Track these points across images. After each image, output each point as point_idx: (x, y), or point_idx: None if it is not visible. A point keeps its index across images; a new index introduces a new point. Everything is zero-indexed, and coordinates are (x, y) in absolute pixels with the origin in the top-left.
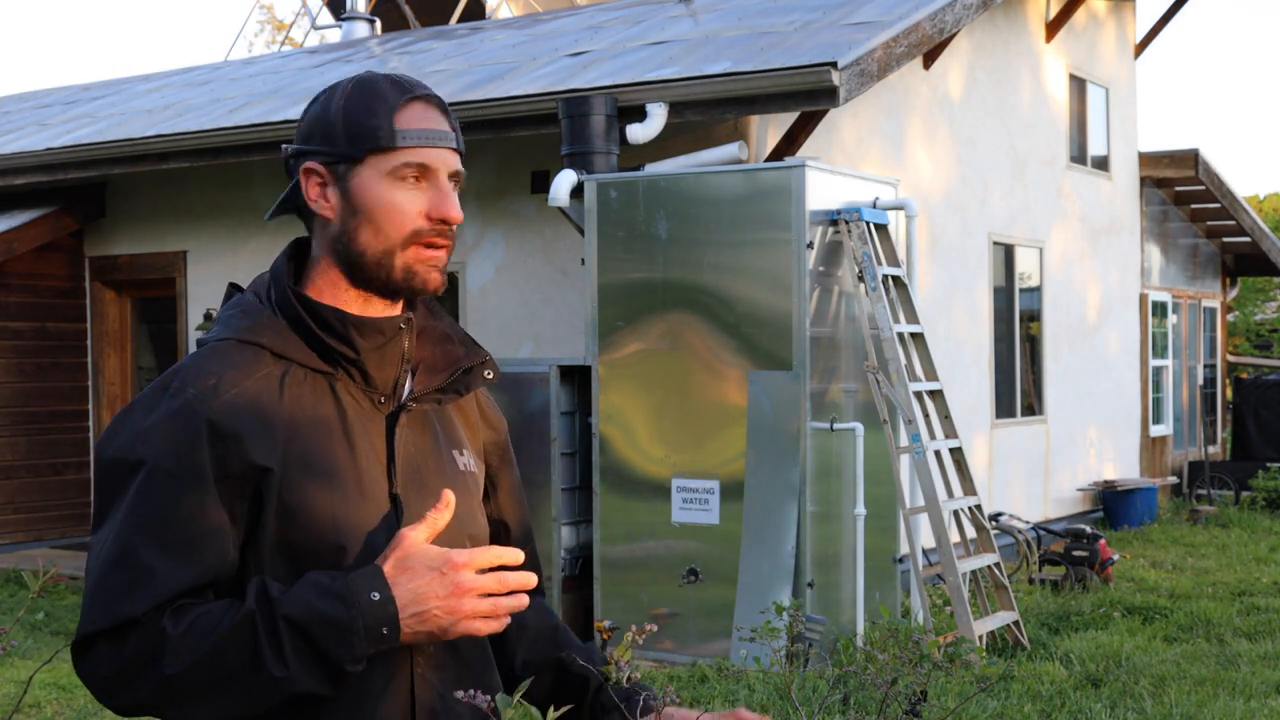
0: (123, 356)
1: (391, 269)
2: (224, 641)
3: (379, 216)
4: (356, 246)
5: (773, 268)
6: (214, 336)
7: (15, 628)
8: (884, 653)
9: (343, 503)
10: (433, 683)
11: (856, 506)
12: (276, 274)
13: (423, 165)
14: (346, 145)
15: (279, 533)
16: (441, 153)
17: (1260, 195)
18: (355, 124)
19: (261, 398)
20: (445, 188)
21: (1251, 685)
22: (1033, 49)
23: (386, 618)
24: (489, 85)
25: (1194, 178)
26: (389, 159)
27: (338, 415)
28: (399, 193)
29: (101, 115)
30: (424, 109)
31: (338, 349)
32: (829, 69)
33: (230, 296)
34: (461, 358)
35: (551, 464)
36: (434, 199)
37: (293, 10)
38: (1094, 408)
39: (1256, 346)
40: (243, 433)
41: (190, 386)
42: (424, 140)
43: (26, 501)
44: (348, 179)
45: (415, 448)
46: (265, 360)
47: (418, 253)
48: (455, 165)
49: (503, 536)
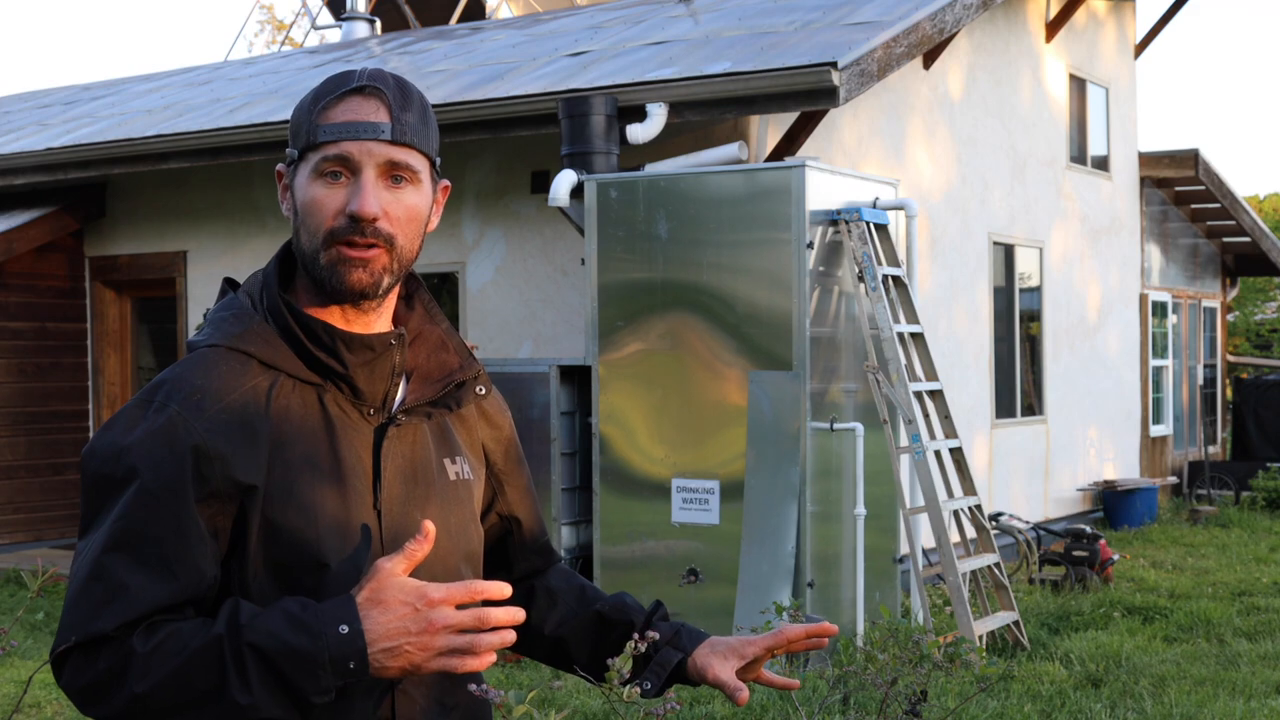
0: (123, 356)
1: (320, 269)
2: (191, 663)
3: (304, 214)
4: (300, 247)
5: (773, 268)
6: (203, 340)
7: (15, 628)
8: (884, 653)
9: (326, 518)
10: (415, 697)
11: (856, 506)
12: (268, 279)
13: (341, 158)
14: (291, 144)
15: (262, 548)
16: (366, 145)
17: (1260, 195)
18: (295, 122)
19: (247, 411)
20: (366, 182)
21: (1251, 685)
22: (1033, 49)
23: (354, 652)
24: (489, 85)
25: (1194, 178)
26: (315, 155)
27: (324, 427)
28: (320, 189)
29: (101, 115)
30: (359, 101)
31: (326, 363)
32: (829, 69)
33: (224, 294)
34: (455, 369)
35: (551, 464)
36: (350, 194)
37: (293, 10)
38: (1094, 408)
39: (1256, 346)
40: (227, 452)
41: (174, 402)
42: (342, 133)
43: (26, 501)
44: (293, 179)
45: (404, 460)
46: (253, 370)
47: (338, 251)
48: (387, 156)
49: (515, 533)
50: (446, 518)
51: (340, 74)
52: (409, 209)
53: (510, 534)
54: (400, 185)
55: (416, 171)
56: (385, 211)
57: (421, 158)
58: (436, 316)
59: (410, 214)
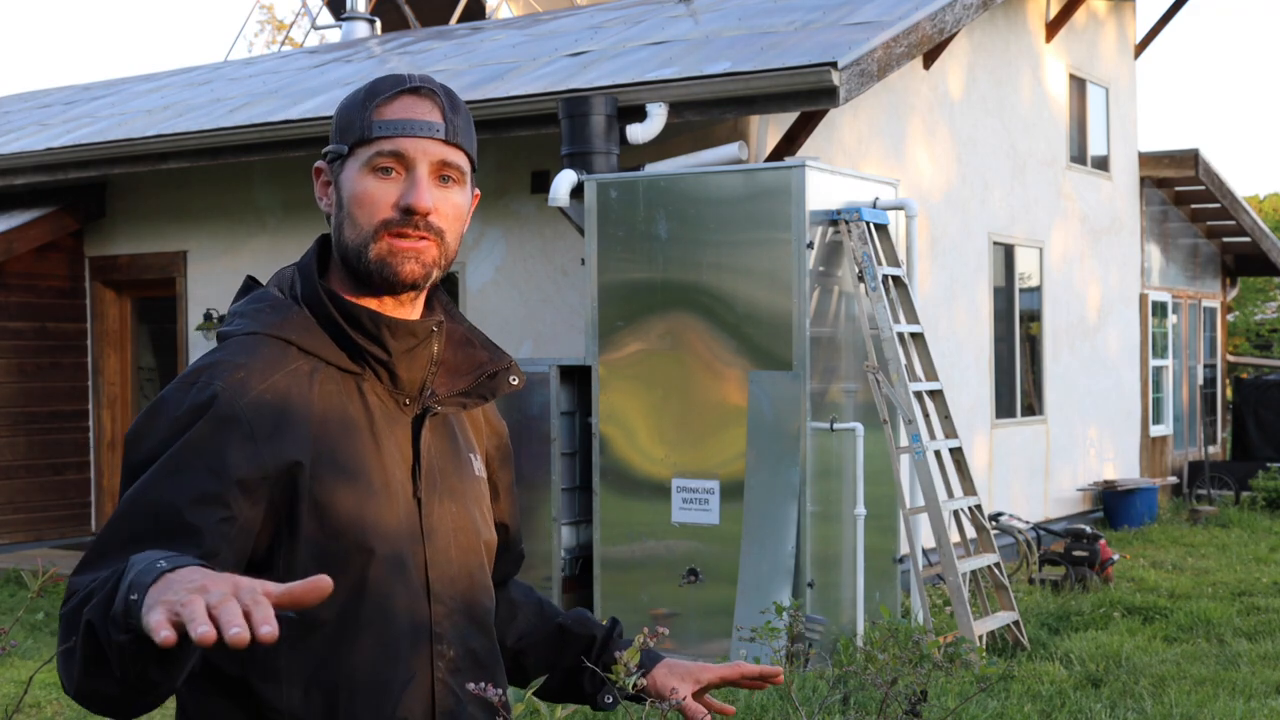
0: (123, 356)
1: (367, 261)
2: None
3: (353, 207)
4: (343, 240)
5: (773, 268)
6: (240, 330)
7: (15, 628)
8: (884, 653)
9: (369, 503)
10: (451, 686)
11: (856, 506)
12: (306, 271)
13: (396, 154)
14: (338, 140)
15: (311, 528)
16: (420, 142)
17: (1260, 195)
18: (345, 119)
19: (290, 393)
20: (420, 178)
21: (1251, 685)
22: (1033, 49)
23: (139, 586)
24: (489, 85)
25: (1194, 178)
26: (367, 150)
27: (365, 415)
28: (372, 182)
29: (101, 115)
30: (413, 100)
31: (369, 349)
32: (829, 69)
33: (248, 289)
34: (485, 362)
35: (551, 464)
36: (405, 188)
37: (293, 10)
38: (1094, 408)
39: (1256, 346)
40: (272, 430)
41: (218, 379)
42: (399, 130)
43: (26, 501)
44: (339, 174)
45: (436, 451)
46: (293, 355)
47: (390, 243)
48: (440, 156)
49: (501, 538)
50: (471, 510)
51: (392, 75)
52: (455, 207)
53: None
54: (448, 185)
55: (464, 172)
56: (436, 207)
57: (467, 160)
58: (456, 316)
59: (456, 212)
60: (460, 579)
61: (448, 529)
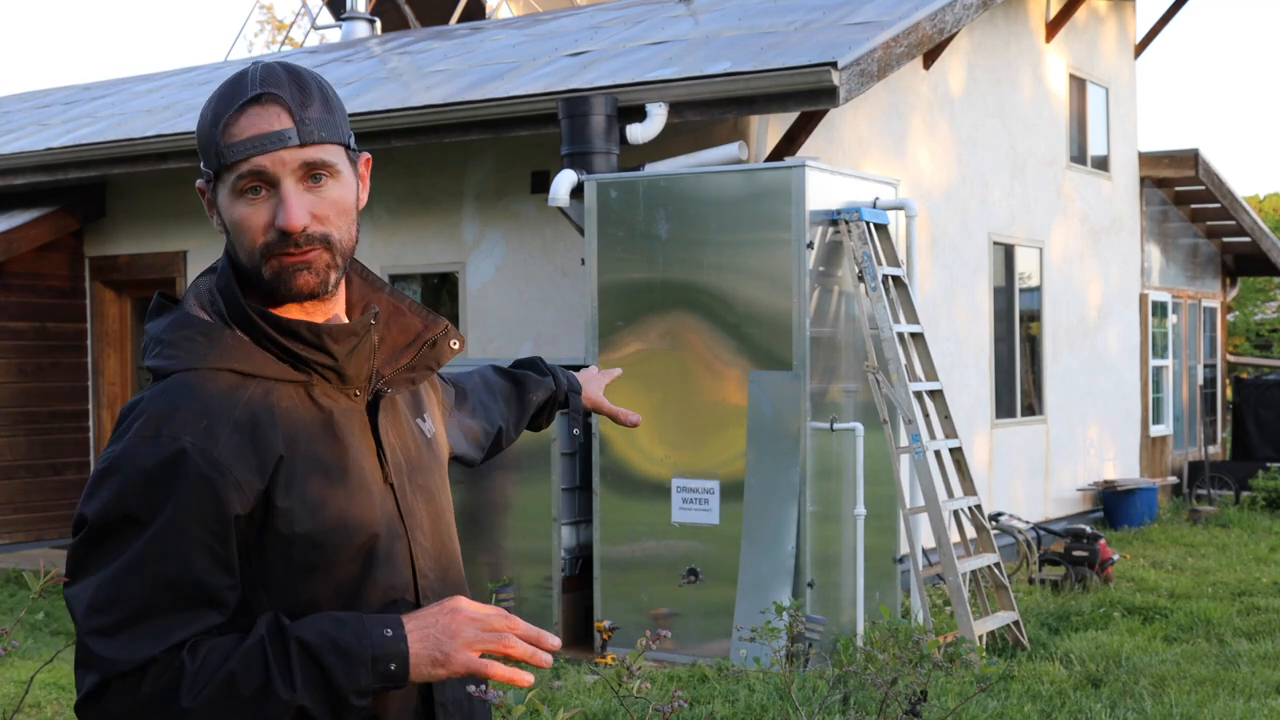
0: (123, 356)
1: (265, 280)
2: (236, 668)
3: (235, 233)
4: (239, 261)
5: (773, 268)
6: (180, 366)
7: (15, 628)
8: (884, 653)
9: (352, 502)
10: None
11: (856, 506)
12: (228, 292)
13: (255, 173)
14: (204, 163)
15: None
16: (278, 155)
17: (1260, 195)
18: (202, 143)
19: (255, 422)
20: (288, 192)
21: (1251, 685)
22: (1033, 48)
23: (396, 654)
24: (489, 85)
25: (1194, 178)
26: (230, 175)
27: (323, 418)
28: (243, 208)
29: (101, 115)
30: (257, 112)
31: (314, 359)
32: (829, 69)
33: (162, 309)
34: (421, 330)
35: (551, 464)
36: (274, 209)
37: (293, 10)
38: (1094, 408)
39: (1256, 346)
40: (254, 465)
41: (185, 434)
42: (250, 149)
43: (26, 501)
44: (217, 196)
45: (394, 432)
46: (243, 384)
47: (278, 262)
48: (300, 160)
49: (489, 434)
50: (436, 476)
51: (232, 82)
52: (335, 203)
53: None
54: (321, 183)
55: (333, 164)
56: (312, 214)
57: (335, 148)
58: (376, 283)
59: (338, 207)
60: (439, 551)
61: (421, 506)
